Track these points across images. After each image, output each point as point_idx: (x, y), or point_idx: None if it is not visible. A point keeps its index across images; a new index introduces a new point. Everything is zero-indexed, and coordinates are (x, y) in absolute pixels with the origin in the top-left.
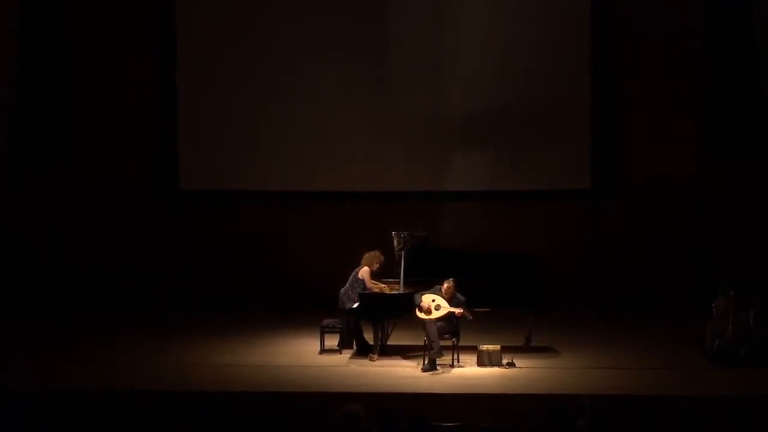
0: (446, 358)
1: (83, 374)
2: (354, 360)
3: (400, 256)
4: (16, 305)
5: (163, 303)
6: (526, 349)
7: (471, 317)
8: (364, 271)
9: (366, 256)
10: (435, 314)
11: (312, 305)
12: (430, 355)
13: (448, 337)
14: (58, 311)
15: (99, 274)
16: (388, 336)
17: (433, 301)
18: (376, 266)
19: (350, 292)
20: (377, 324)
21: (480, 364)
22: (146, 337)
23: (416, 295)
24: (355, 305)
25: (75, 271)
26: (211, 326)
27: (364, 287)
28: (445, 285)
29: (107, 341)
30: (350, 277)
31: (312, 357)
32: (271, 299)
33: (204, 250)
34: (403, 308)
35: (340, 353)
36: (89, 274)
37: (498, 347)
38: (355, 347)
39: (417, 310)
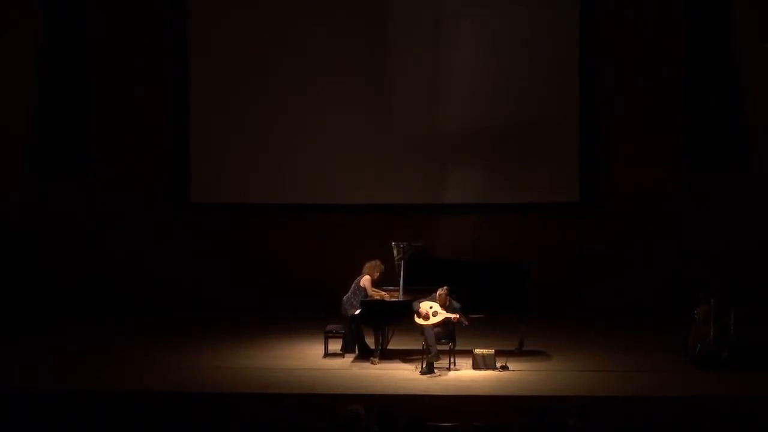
0: (443, 362)
1: (93, 376)
2: (356, 363)
3: (400, 265)
4: (36, 313)
5: (174, 309)
6: (519, 353)
7: (467, 323)
8: (365, 280)
9: (367, 265)
10: (432, 320)
11: (316, 311)
12: (427, 359)
13: (445, 342)
14: (72, 318)
15: (113, 282)
16: (388, 341)
17: (431, 307)
18: (376, 275)
19: (352, 299)
20: (378, 329)
21: (475, 367)
22: (156, 342)
23: (415, 302)
24: (357, 311)
25: (91, 279)
26: (220, 331)
27: (366, 294)
28: (439, 292)
29: (118, 346)
30: (352, 285)
31: (316, 360)
32: (277, 306)
33: (213, 260)
34: (403, 314)
35: (343, 357)
36: (104, 282)
37: (492, 351)
38: (357, 351)
39: (415, 316)
